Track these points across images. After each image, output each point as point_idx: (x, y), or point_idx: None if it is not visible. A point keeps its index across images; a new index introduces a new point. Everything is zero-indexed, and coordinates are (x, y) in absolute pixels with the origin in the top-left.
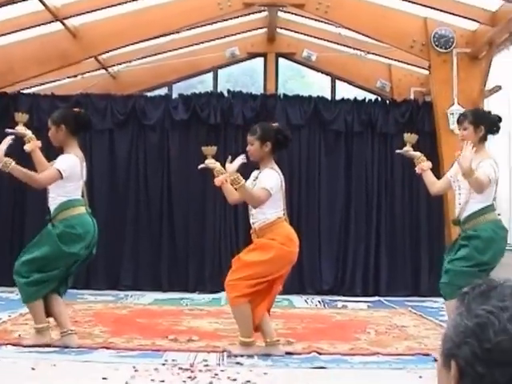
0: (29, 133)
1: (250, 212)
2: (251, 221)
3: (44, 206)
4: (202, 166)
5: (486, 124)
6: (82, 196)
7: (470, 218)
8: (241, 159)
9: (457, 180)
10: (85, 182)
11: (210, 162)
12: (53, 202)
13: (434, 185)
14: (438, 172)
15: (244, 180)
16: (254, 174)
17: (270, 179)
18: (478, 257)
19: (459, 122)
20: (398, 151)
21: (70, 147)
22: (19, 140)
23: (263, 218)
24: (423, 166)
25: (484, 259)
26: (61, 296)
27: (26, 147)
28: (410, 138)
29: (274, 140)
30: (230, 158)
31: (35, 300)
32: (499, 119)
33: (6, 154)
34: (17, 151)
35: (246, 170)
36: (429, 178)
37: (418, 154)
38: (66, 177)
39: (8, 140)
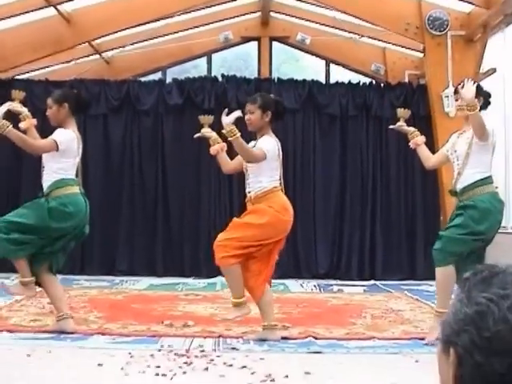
0: (25, 110)
1: (246, 181)
2: (247, 190)
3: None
4: (198, 134)
5: (482, 96)
6: (77, 176)
7: (467, 188)
8: (237, 113)
9: (454, 151)
10: (80, 161)
11: (206, 131)
12: (47, 179)
13: (429, 159)
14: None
15: (240, 133)
16: (251, 144)
17: (267, 143)
18: (473, 225)
19: (457, 91)
20: (391, 126)
21: (69, 126)
22: (15, 117)
23: (259, 186)
24: (417, 140)
25: (480, 229)
26: (54, 274)
27: (22, 125)
28: (402, 112)
29: (274, 110)
30: (226, 110)
31: (14, 258)
32: (490, 95)
33: None
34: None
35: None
36: (423, 152)
37: (411, 128)
38: (62, 150)
39: (8, 104)
